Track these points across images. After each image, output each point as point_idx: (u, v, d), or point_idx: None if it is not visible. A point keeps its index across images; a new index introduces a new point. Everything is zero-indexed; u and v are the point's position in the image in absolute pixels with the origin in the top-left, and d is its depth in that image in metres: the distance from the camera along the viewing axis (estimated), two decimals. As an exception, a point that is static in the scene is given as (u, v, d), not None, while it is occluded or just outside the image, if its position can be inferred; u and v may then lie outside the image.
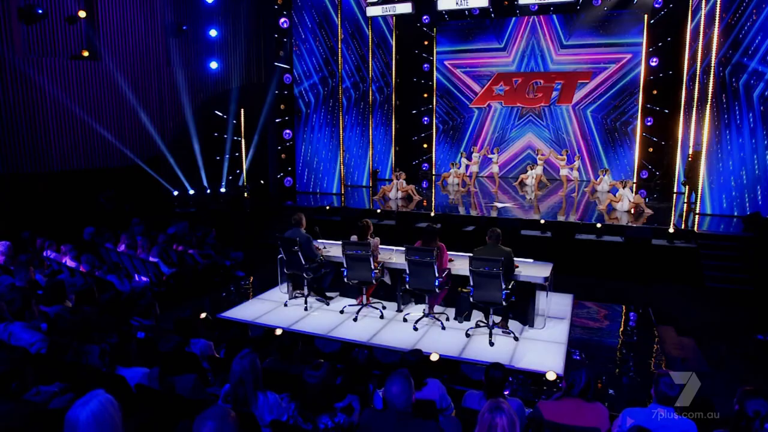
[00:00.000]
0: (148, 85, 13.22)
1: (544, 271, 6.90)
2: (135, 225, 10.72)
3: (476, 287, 6.49)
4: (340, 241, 7.86)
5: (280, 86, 14.95)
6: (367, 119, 16.11)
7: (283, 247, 7.68)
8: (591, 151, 16.96)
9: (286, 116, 15.28)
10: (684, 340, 7.36)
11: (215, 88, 14.54)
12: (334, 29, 14.88)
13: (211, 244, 10.44)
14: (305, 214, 12.80)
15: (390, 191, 13.98)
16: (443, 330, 6.88)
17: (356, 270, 7.24)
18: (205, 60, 14.29)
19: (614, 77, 16.32)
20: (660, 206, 12.76)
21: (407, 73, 17.90)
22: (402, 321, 7.20)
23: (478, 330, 6.77)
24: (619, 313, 8.08)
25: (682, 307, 8.64)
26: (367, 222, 7.43)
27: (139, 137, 13.00)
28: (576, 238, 10.67)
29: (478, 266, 6.36)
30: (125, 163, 12.65)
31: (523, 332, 6.86)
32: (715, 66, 11.45)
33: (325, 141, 15.53)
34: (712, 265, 9.67)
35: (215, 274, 9.82)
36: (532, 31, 16.97)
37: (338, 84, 15.10)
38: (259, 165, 15.22)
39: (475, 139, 18.19)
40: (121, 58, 12.63)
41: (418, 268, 6.79)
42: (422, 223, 11.73)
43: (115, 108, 12.59)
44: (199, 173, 13.90)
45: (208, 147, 14.29)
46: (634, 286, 9.46)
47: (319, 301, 7.93)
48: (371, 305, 7.53)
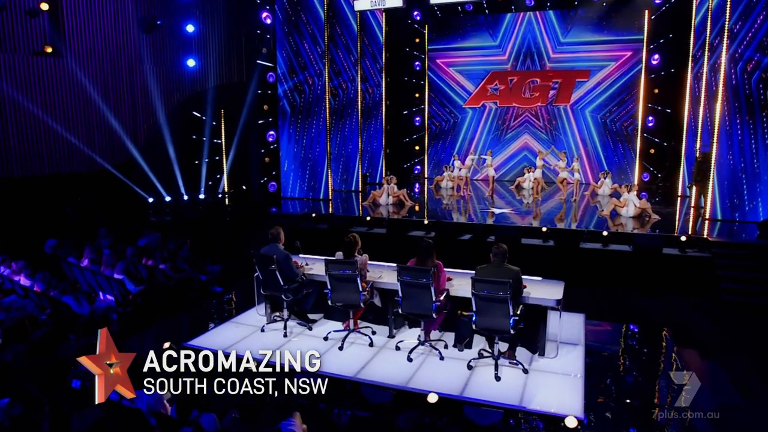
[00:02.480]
0: (119, 85, 12.42)
1: (556, 292, 6.13)
2: (102, 237, 9.93)
3: (480, 313, 5.71)
4: (324, 257, 7.10)
5: (263, 85, 14.28)
6: (356, 120, 15.41)
7: (259, 265, 6.87)
8: (590, 153, 16.51)
9: (270, 117, 14.59)
10: (709, 365, 6.71)
11: (193, 88, 13.76)
12: (320, 25, 14.12)
13: (185, 257, 9.62)
14: (290, 221, 12.07)
15: (380, 197, 13.27)
16: (441, 360, 6.10)
17: (342, 292, 6.45)
18: (181, 57, 13.48)
19: (614, 75, 15.86)
20: (665, 211, 12.18)
21: (398, 71, 17.40)
22: (394, 349, 6.41)
23: (482, 361, 5.98)
24: (635, 334, 7.36)
25: (699, 323, 8.00)
26: (354, 237, 6.63)
27: (110, 140, 12.19)
28: (581, 247, 9.98)
29: (481, 289, 5.59)
30: (94, 168, 11.83)
31: (533, 362, 6.09)
32: (726, 63, 10.76)
33: (312, 143, 14.77)
34: (728, 276, 9.00)
35: (189, 291, 9.01)
36: (528, 28, 16.53)
37: (325, 83, 14.34)
38: (241, 169, 14.51)
39: (469, 140, 17.73)
40: (89, 55, 11.79)
41: (412, 290, 6.01)
42: (415, 231, 11.11)
43: (83, 109, 11.78)
44: (175, 179, 13.05)
45: (185, 151, 13.53)
46: (645, 299, 8.84)
47: (300, 325, 7.11)
48: (359, 331, 6.73)
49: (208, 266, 9.63)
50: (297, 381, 5.88)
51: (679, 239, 9.67)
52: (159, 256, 9.26)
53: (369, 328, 6.79)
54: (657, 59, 14.73)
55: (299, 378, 6.02)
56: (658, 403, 5.47)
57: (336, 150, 15.41)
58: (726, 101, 10.84)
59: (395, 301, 6.26)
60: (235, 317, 7.60)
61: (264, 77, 14.20)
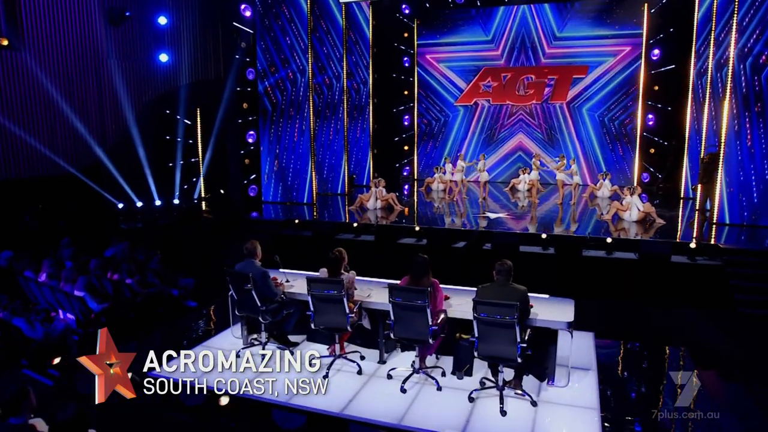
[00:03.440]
0: (85, 81, 11.59)
1: (566, 313, 5.51)
2: (63, 247, 9.17)
3: (483, 339, 5.07)
4: (306, 273, 6.45)
5: (242, 82, 13.53)
6: (342, 119, 14.76)
7: (232, 284, 6.17)
8: (588, 153, 16.04)
9: (250, 116, 13.82)
10: (734, 390, 6.15)
11: (166, 85, 12.99)
12: (303, 18, 13.40)
13: (155, 269, 8.85)
14: (271, 228, 11.34)
15: (368, 201, 12.58)
16: (439, 391, 5.44)
17: (326, 314, 5.79)
18: (153, 52, 12.70)
19: (612, 71, 15.40)
20: (668, 214, 11.64)
21: (386, 68, 16.81)
22: (386, 378, 5.75)
23: (485, 392, 5.34)
24: (651, 356, 6.76)
25: (716, 340, 7.43)
26: (340, 252, 5.94)
27: (75, 142, 11.37)
28: (584, 255, 9.39)
29: (485, 313, 4.94)
30: (57, 172, 11.02)
31: (542, 392, 5.46)
32: (735, 58, 10.19)
33: (295, 144, 14.03)
34: (742, 286, 8.44)
35: (159, 307, 8.28)
36: (523, 22, 16.00)
37: (309, 80, 13.60)
38: (219, 172, 13.77)
39: (461, 140, 17.23)
40: (50, 49, 10.97)
41: (405, 313, 5.35)
42: (405, 239, 10.46)
43: (43, 108, 10.95)
44: (147, 183, 12.29)
45: (157, 152, 12.75)
46: (655, 312, 8.26)
47: (281, 349, 6.34)
48: (346, 357, 6.02)
49: (181, 279, 8.93)
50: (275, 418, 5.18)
51: (688, 246, 9.13)
52: (126, 270, 8.48)
53: (357, 353, 6.15)
54: (657, 54, 14.29)
55: (278, 416, 5.33)
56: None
57: (321, 151, 14.77)
58: (734, 99, 10.29)
59: (386, 324, 5.60)
60: (207, 340, 6.88)
61: (243, 74, 13.49)
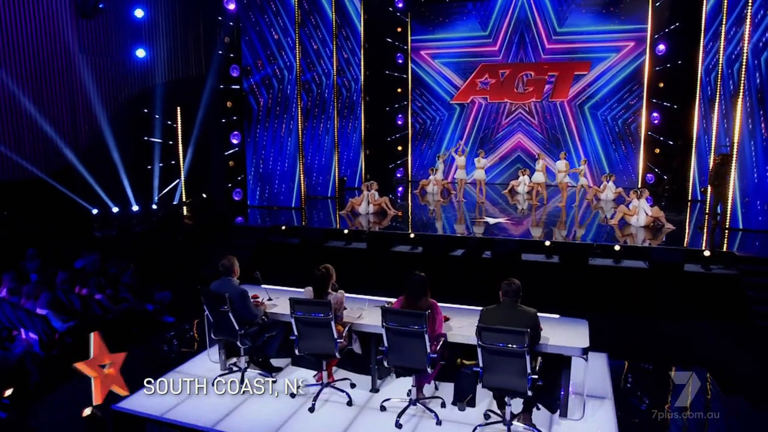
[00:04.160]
0: (54, 79, 11.03)
1: (580, 336, 4.94)
2: (29, 259, 8.56)
3: (488, 369, 4.50)
4: (291, 290, 5.92)
5: (226, 80, 13.05)
6: (332, 118, 14.31)
7: (207, 305, 5.55)
8: (590, 153, 15.77)
9: (234, 116, 13.33)
10: (765, 419, 5.63)
11: (143, 82, 12.53)
12: (290, 12, 12.90)
13: (128, 284, 8.23)
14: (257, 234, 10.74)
15: (360, 205, 12.02)
16: (438, 426, 4.84)
17: (312, 339, 5.18)
18: (129, 47, 12.23)
19: (616, 68, 15.20)
20: (677, 218, 11.23)
21: (378, 64, 16.53)
22: (379, 410, 5.13)
23: (490, 427, 4.75)
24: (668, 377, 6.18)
25: (737, 358, 6.95)
26: (327, 269, 5.32)
27: (44, 144, 10.81)
28: (590, 263, 8.90)
29: (490, 340, 4.38)
30: (25, 176, 10.43)
31: (554, 426, 4.87)
32: (749, 53, 9.67)
33: (282, 144, 13.47)
34: (759, 297, 7.95)
35: (132, 325, 7.66)
36: (521, 16, 15.80)
37: (297, 77, 13.04)
38: (201, 175, 13.28)
39: (457, 140, 16.80)
40: (14, 44, 10.37)
41: (401, 338, 4.77)
42: (400, 246, 9.92)
43: (7, 108, 10.37)
44: (123, 187, 11.76)
45: (134, 155, 12.28)
46: (669, 326, 7.80)
47: (263, 376, 5.73)
48: (334, 385, 5.39)
49: (157, 293, 8.35)
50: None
51: (701, 254, 8.66)
52: (95, 284, 7.84)
53: (347, 380, 5.54)
54: (663, 50, 13.96)
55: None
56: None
57: (310, 152, 14.31)
58: (748, 96, 9.78)
59: (379, 350, 5.00)
60: (180, 365, 6.20)
61: (227, 70, 13.03)
